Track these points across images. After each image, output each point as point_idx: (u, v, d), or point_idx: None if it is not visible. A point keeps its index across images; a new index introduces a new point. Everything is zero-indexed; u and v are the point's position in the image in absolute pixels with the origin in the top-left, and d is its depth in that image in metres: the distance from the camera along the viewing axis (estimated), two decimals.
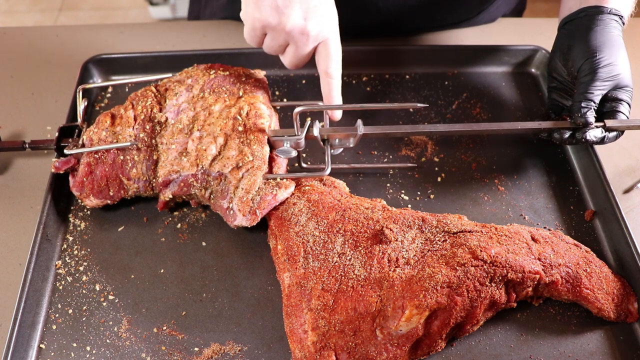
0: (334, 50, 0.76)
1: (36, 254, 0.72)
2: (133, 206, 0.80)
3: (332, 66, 0.76)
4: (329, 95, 0.77)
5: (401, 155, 0.87)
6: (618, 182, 0.85)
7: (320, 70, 0.77)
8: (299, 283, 0.67)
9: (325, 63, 0.76)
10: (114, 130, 0.76)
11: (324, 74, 0.76)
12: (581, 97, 0.77)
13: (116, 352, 0.67)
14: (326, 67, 0.76)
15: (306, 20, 0.71)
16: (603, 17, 0.80)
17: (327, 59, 0.76)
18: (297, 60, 0.77)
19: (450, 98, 0.96)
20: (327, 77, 0.76)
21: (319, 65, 0.77)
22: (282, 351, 0.67)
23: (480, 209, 0.81)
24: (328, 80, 0.76)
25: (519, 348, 0.68)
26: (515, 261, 0.66)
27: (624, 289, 0.71)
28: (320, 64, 0.77)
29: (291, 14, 0.71)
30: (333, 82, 0.77)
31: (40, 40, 1.06)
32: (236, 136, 0.75)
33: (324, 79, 0.77)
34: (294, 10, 0.71)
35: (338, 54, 0.77)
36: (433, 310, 0.63)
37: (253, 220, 0.72)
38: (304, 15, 0.71)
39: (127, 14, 2.72)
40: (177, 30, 1.08)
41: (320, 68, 0.77)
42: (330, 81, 0.76)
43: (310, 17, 0.72)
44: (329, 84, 0.76)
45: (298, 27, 0.72)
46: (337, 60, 0.77)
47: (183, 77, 0.82)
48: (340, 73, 0.78)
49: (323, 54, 0.76)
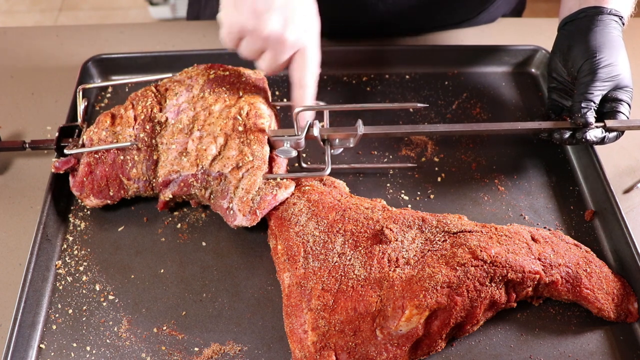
0: (310, 60, 0.74)
1: (36, 254, 0.72)
2: (133, 206, 0.80)
3: (307, 76, 0.74)
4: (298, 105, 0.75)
5: (401, 155, 0.87)
6: (618, 182, 0.85)
7: (294, 79, 0.75)
8: (299, 283, 0.67)
9: (300, 73, 0.74)
10: (114, 130, 0.76)
11: (297, 83, 0.74)
12: (581, 97, 0.77)
13: (116, 352, 0.67)
14: (300, 77, 0.74)
15: (285, 27, 0.69)
16: (603, 18, 0.80)
17: (302, 69, 0.74)
18: (273, 66, 0.74)
19: (450, 98, 0.96)
20: (300, 88, 0.74)
21: (293, 74, 0.75)
22: (282, 351, 0.67)
23: (480, 209, 0.81)
24: (300, 91, 0.74)
25: (519, 348, 0.68)
26: (515, 261, 0.66)
27: (624, 289, 0.71)
28: (294, 72, 0.75)
29: (270, 20, 0.68)
30: (306, 92, 0.75)
31: (40, 40, 1.06)
32: (236, 136, 0.75)
33: (296, 88, 0.75)
34: (273, 16, 0.68)
35: (314, 64, 0.75)
36: (433, 310, 0.63)
37: (253, 220, 0.72)
38: (284, 22, 0.69)
39: (127, 14, 2.72)
40: (177, 30, 1.08)
41: (294, 76, 0.75)
42: (302, 92, 0.74)
43: (289, 24, 0.69)
44: (302, 95, 0.75)
45: (276, 34, 0.69)
46: (312, 71, 0.75)
47: (183, 77, 0.82)
48: (314, 82, 0.75)
49: (299, 63, 0.74)
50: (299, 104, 0.75)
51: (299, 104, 0.75)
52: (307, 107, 0.75)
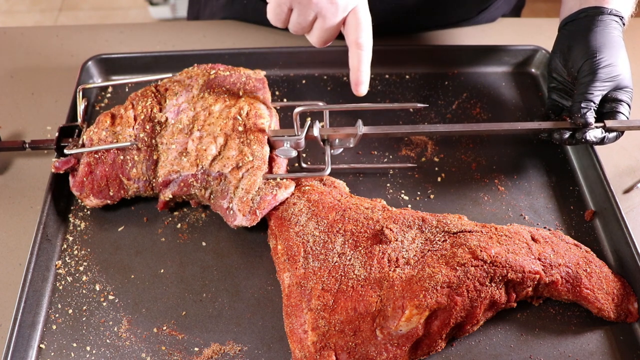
0: (364, 19, 0.72)
1: (36, 254, 0.72)
2: (133, 206, 0.80)
3: (363, 36, 0.71)
4: (358, 69, 0.72)
5: (401, 155, 0.87)
6: (618, 182, 0.85)
7: (350, 42, 0.72)
8: (299, 283, 0.67)
9: (355, 33, 0.71)
10: (114, 130, 0.76)
11: (354, 44, 0.72)
12: (581, 97, 0.77)
13: (116, 352, 0.67)
14: (357, 37, 0.71)
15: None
16: (603, 18, 0.80)
17: (357, 28, 0.71)
18: (326, 34, 0.72)
19: (450, 98, 0.96)
20: (357, 49, 0.71)
21: (349, 36, 0.72)
22: (282, 351, 0.67)
23: (480, 209, 0.81)
24: (358, 51, 0.72)
25: (519, 348, 0.68)
26: (515, 261, 0.66)
27: (624, 289, 0.71)
28: (349, 34, 0.72)
29: None
30: (363, 53, 0.72)
31: (40, 40, 1.06)
32: (236, 136, 0.75)
33: (353, 50, 0.72)
34: None
35: (368, 23, 0.72)
36: (433, 310, 0.63)
37: (253, 220, 0.72)
38: None
39: (127, 14, 2.72)
40: (177, 30, 1.08)
41: (349, 39, 0.72)
42: (360, 53, 0.71)
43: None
44: (359, 55, 0.72)
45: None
46: (367, 30, 0.72)
47: (183, 77, 0.82)
48: (371, 44, 0.73)
49: (353, 24, 0.71)
50: (357, 67, 0.72)
51: (356, 66, 0.72)
52: (307, 107, 0.75)
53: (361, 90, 0.73)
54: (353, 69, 0.72)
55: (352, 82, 0.73)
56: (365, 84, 0.73)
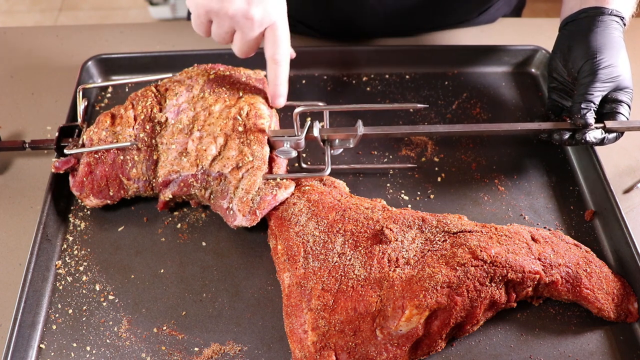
0: (281, 35, 0.75)
1: (36, 254, 0.72)
2: (133, 206, 0.80)
3: (279, 52, 0.75)
4: (274, 82, 0.77)
5: (401, 155, 0.87)
6: (618, 182, 0.85)
7: (267, 56, 0.76)
8: (299, 283, 0.67)
9: (272, 49, 0.75)
10: (114, 130, 0.76)
11: (270, 60, 0.76)
12: (581, 98, 0.77)
13: (116, 352, 0.67)
14: (273, 53, 0.75)
15: (249, 4, 0.70)
16: (604, 18, 0.80)
17: (274, 44, 0.75)
18: (245, 47, 0.75)
19: (450, 98, 0.96)
20: (273, 64, 0.76)
21: (266, 51, 0.76)
22: (282, 351, 0.67)
23: (480, 209, 0.81)
24: (274, 66, 0.76)
25: (519, 348, 0.68)
26: (515, 261, 0.66)
27: (624, 289, 0.71)
28: (267, 49, 0.76)
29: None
30: (279, 68, 0.76)
31: (40, 40, 1.06)
32: (236, 136, 0.75)
33: (270, 65, 0.76)
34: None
35: (285, 39, 0.76)
36: (433, 310, 0.63)
37: (253, 221, 0.72)
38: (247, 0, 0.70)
39: (127, 14, 2.72)
40: (177, 30, 1.08)
41: (267, 54, 0.76)
42: (275, 67, 0.76)
43: (254, 1, 0.70)
44: (275, 70, 0.76)
45: (241, 11, 0.70)
46: (283, 46, 0.76)
47: (183, 77, 0.82)
48: (287, 59, 0.77)
49: (270, 39, 0.75)
50: (274, 81, 0.77)
51: (273, 80, 0.77)
52: (307, 107, 0.75)
53: (279, 103, 0.79)
54: (270, 82, 0.78)
55: (270, 95, 0.79)
56: (283, 97, 0.79)
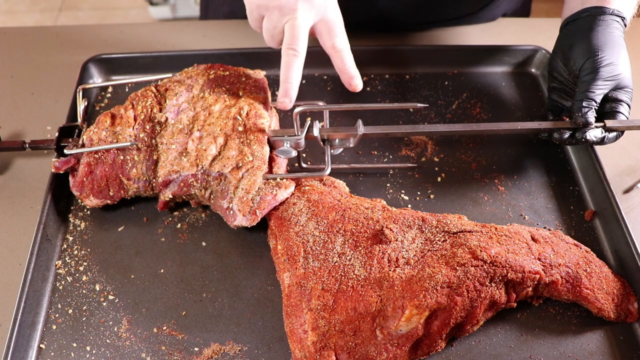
0: (334, 24, 0.75)
1: (36, 254, 0.72)
2: (133, 206, 0.80)
3: (337, 40, 0.75)
4: (343, 69, 0.76)
5: (401, 155, 0.87)
6: (618, 182, 0.85)
7: (327, 48, 0.76)
8: (299, 283, 0.67)
9: (328, 39, 0.75)
10: (114, 130, 0.76)
11: (332, 49, 0.76)
12: (582, 95, 0.77)
13: (116, 352, 0.67)
14: (332, 43, 0.75)
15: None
16: (605, 18, 0.80)
17: (329, 34, 0.75)
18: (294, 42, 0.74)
19: (450, 98, 0.96)
20: (335, 52, 0.75)
21: (324, 43, 0.76)
22: (282, 351, 0.67)
23: (480, 209, 0.81)
24: (337, 54, 0.75)
25: (519, 348, 0.68)
26: (515, 261, 0.66)
27: (624, 289, 0.71)
28: (324, 41, 0.76)
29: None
30: (343, 54, 0.75)
31: (40, 40, 1.06)
32: (236, 136, 0.75)
33: (333, 54, 0.76)
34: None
35: (339, 26, 0.76)
36: (433, 310, 0.63)
37: (253, 220, 0.72)
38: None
39: (127, 14, 2.72)
40: (177, 30, 1.08)
41: (326, 46, 0.76)
42: (340, 55, 0.75)
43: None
44: (340, 57, 0.75)
45: (289, 4, 0.72)
46: (340, 34, 0.76)
47: (183, 77, 0.82)
48: (347, 44, 0.77)
49: (325, 31, 0.75)
50: (342, 68, 0.76)
51: (341, 67, 0.76)
52: (307, 107, 0.75)
53: (355, 83, 0.76)
54: (340, 70, 0.77)
55: (345, 81, 0.77)
56: (358, 77, 0.77)
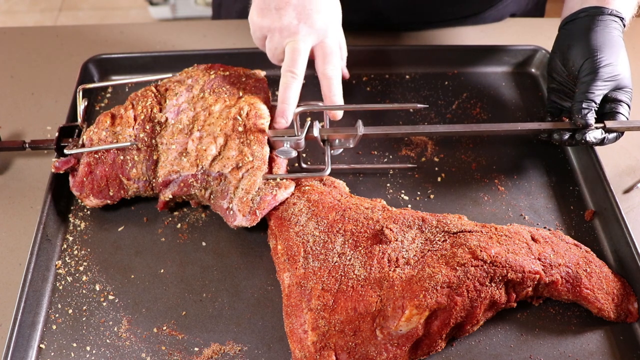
0: (330, 51, 0.78)
1: (36, 254, 0.72)
2: (133, 206, 0.80)
3: (329, 68, 0.77)
4: (329, 97, 0.77)
5: (401, 155, 0.87)
6: (618, 182, 0.85)
7: (318, 72, 0.78)
8: (299, 283, 0.67)
9: (322, 65, 0.77)
10: (114, 130, 0.76)
11: (322, 75, 0.78)
12: (582, 96, 0.77)
13: (116, 352, 0.67)
14: (323, 69, 0.77)
15: (299, 20, 0.75)
16: (604, 18, 0.80)
17: (323, 60, 0.77)
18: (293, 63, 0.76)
19: (450, 98, 0.96)
20: (325, 79, 0.77)
21: (317, 68, 0.78)
22: (282, 351, 0.67)
23: (480, 209, 0.81)
24: (326, 81, 0.77)
25: (519, 348, 0.68)
26: (515, 261, 0.66)
27: (624, 289, 0.71)
28: (318, 65, 0.78)
29: (284, 15, 0.75)
30: (332, 82, 0.77)
31: (40, 40, 1.06)
32: (236, 136, 0.75)
33: (322, 80, 0.78)
34: (288, 12, 0.75)
35: (334, 54, 0.78)
36: (433, 310, 0.63)
37: (253, 221, 0.72)
38: (297, 16, 0.75)
39: (127, 14, 2.72)
40: (177, 30, 1.08)
41: (318, 70, 0.78)
42: (328, 82, 0.77)
43: (303, 19, 0.75)
44: (328, 85, 0.77)
45: (289, 27, 0.75)
46: (333, 61, 0.78)
47: (183, 77, 0.82)
48: (338, 73, 0.78)
49: (320, 55, 0.78)
50: (327, 95, 0.77)
51: (327, 94, 0.77)
52: (307, 107, 0.75)
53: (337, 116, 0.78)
54: (325, 97, 0.78)
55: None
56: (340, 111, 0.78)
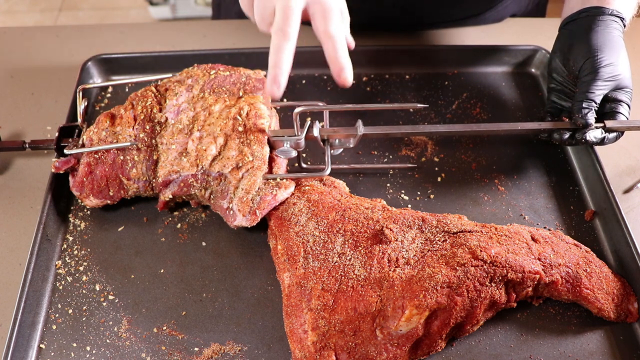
0: (329, 7, 0.66)
1: (36, 254, 0.72)
2: (133, 206, 0.80)
3: (331, 25, 0.66)
4: (334, 58, 0.66)
5: (401, 155, 0.87)
6: (618, 182, 0.85)
7: (319, 33, 0.67)
8: (299, 283, 0.67)
9: (322, 23, 0.66)
10: (114, 130, 0.77)
11: (324, 35, 0.66)
12: (583, 96, 0.77)
13: (116, 352, 0.67)
14: (324, 27, 0.66)
15: None
16: (604, 18, 0.80)
17: (323, 17, 0.66)
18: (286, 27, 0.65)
19: (450, 98, 0.96)
20: (327, 39, 0.66)
21: (317, 28, 0.67)
22: (282, 351, 0.67)
23: (480, 209, 0.81)
24: (329, 42, 0.66)
25: (519, 348, 0.68)
26: (515, 261, 0.66)
27: (624, 289, 0.71)
28: (317, 25, 0.67)
29: None
30: (336, 42, 0.66)
31: (40, 40, 1.06)
32: (236, 136, 0.75)
33: (324, 41, 0.66)
34: None
35: (334, 11, 0.67)
36: (433, 310, 0.63)
37: (253, 221, 0.72)
38: None
39: (127, 14, 2.72)
40: (177, 30, 1.08)
41: (318, 30, 0.67)
42: (331, 42, 0.66)
43: None
44: (332, 45, 0.66)
45: None
46: (334, 19, 0.66)
47: (183, 77, 0.82)
48: (341, 31, 0.67)
49: (318, 13, 0.66)
50: (333, 57, 0.66)
51: (332, 56, 0.66)
52: (307, 107, 0.75)
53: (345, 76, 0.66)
54: (330, 60, 0.66)
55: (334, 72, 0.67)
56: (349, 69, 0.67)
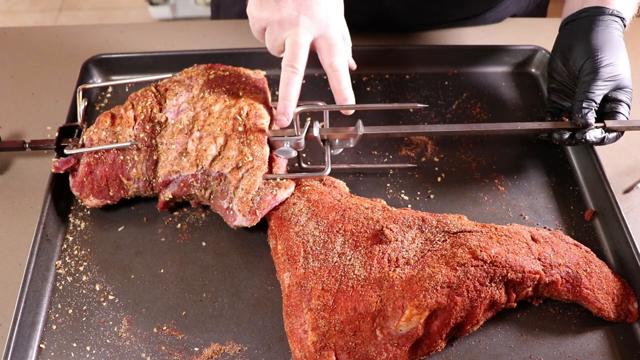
0: (334, 42, 0.76)
1: (36, 254, 0.72)
2: (133, 206, 0.80)
3: (335, 60, 0.75)
4: (338, 90, 0.76)
5: (401, 155, 0.87)
6: (618, 182, 0.85)
7: (325, 65, 0.76)
8: (299, 283, 0.67)
9: (327, 57, 0.76)
10: (114, 130, 0.77)
11: (329, 68, 0.76)
12: (583, 96, 0.77)
13: (116, 352, 0.67)
14: (329, 61, 0.75)
15: (299, 12, 0.73)
16: (604, 18, 0.80)
17: (329, 52, 0.76)
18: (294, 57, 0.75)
19: (450, 98, 0.96)
20: (332, 71, 0.75)
21: (323, 61, 0.77)
22: (282, 351, 0.67)
23: (480, 209, 0.81)
24: (334, 74, 0.75)
25: (519, 348, 0.68)
26: (515, 261, 0.66)
27: (624, 289, 0.71)
28: (323, 58, 0.76)
29: (283, 7, 0.73)
30: (340, 75, 0.75)
31: (40, 40, 1.06)
32: (236, 136, 0.75)
33: (330, 73, 0.76)
34: (287, 3, 0.73)
35: (338, 45, 0.76)
36: (433, 310, 0.63)
37: (253, 221, 0.72)
38: (297, 7, 0.73)
39: (127, 14, 2.72)
40: (177, 30, 1.08)
41: (324, 63, 0.76)
42: (336, 74, 0.75)
43: (303, 10, 0.73)
44: (337, 77, 0.75)
45: (289, 19, 0.73)
46: (338, 53, 0.76)
47: (183, 77, 0.82)
48: (345, 65, 0.77)
49: (324, 48, 0.76)
50: (337, 88, 0.76)
51: (337, 87, 0.76)
52: (307, 107, 0.75)
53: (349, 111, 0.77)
54: (335, 90, 0.76)
55: (338, 102, 0.76)
56: (352, 99, 0.76)
